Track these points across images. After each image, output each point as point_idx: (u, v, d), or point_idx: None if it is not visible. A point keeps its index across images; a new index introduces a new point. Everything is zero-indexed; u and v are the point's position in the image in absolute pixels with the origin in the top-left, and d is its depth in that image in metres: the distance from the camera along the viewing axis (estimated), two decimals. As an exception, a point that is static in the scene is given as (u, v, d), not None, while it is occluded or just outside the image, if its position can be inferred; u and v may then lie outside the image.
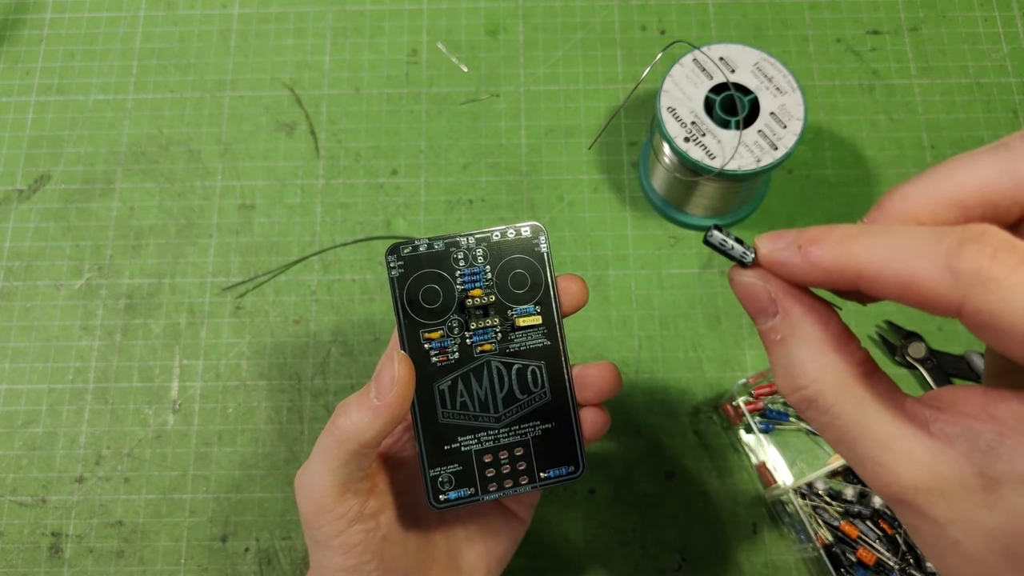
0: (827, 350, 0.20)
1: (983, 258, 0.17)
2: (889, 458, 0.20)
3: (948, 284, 0.17)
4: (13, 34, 0.56)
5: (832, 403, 0.20)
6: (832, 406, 0.20)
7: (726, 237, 0.23)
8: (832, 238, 0.20)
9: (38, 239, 0.51)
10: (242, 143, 0.53)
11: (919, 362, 0.47)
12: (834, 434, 0.21)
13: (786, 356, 0.21)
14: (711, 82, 0.45)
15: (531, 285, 0.32)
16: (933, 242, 0.18)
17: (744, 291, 0.22)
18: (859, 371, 0.20)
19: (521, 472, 0.32)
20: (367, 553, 0.30)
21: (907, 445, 0.20)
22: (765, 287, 0.22)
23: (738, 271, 0.23)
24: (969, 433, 0.19)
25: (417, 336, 0.31)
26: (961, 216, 0.20)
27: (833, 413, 0.20)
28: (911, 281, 0.18)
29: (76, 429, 0.47)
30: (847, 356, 0.21)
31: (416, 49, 0.55)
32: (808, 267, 0.20)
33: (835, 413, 0.20)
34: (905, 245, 0.18)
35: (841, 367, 0.20)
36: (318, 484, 0.30)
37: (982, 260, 0.17)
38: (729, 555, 0.45)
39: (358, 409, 0.29)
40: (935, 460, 0.19)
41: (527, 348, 0.32)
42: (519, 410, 0.32)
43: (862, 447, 0.20)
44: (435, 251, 0.31)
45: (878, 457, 0.20)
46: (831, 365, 0.20)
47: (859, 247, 0.19)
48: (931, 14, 0.55)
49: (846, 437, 0.20)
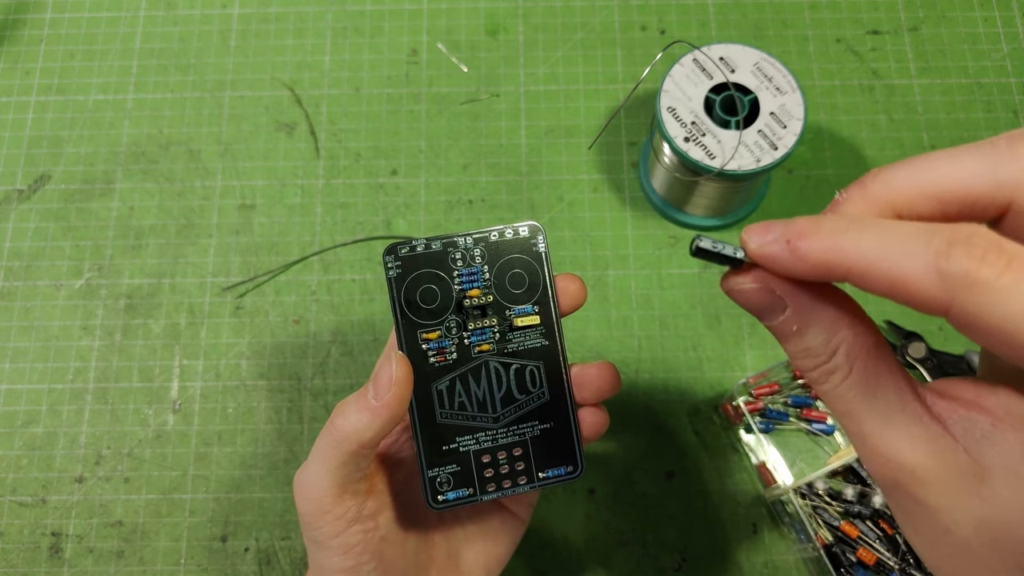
0: (842, 326, 0.20)
1: (971, 260, 0.17)
2: (891, 433, 0.20)
3: (936, 286, 0.17)
4: (13, 34, 0.56)
5: (843, 379, 0.20)
6: (843, 381, 0.20)
7: (715, 242, 0.23)
8: (821, 231, 0.19)
9: (38, 239, 0.51)
10: (242, 143, 0.53)
11: (919, 362, 0.47)
12: (843, 406, 0.21)
13: (803, 340, 0.21)
14: (711, 82, 0.45)
15: (529, 285, 0.32)
16: (922, 242, 0.18)
17: (742, 297, 0.22)
18: (872, 347, 0.20)
19: (520, 472, 0.32)
20: (366, 554, 0.30)
21: (910, 424, 0.20)
22: (767, 288, 0.21)
23: (731, 279, 0.22)
24: (966, 421, 0.19)
25: (415, 336, 0.31)
26: (939, 210, 0.20)
27: (846, 384, 0.20)
28: (900, 280, 0.18)
29: (76, 429, 0.47)
30: (860, 332, 0.21)
31: (416, 49, 0.55)
32: (797, 262, 0.20)
33: (848, 384, 0.20)
34: (894, 243, 0.18)
35: (854, 341, 0.20)
36: (316, 485, 0.30)
37: (970, 263, 0.17)
38: (729, 555, 0.44)
39: (356, 410, 0.29)
40: (935, 442, 0.19)
41: (525, 348, 0.32)
42: (517, 410, 0.32)
43: (867, 420, 0.20)
44: (433, 251, 0.31)
45: (880, 432, 0.20)
46: (846, 340, 0.20)
47: (848, 242, 0.19)
48: (931, 14, 0.55)
49: (854, 409, 0.20)
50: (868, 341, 0.21)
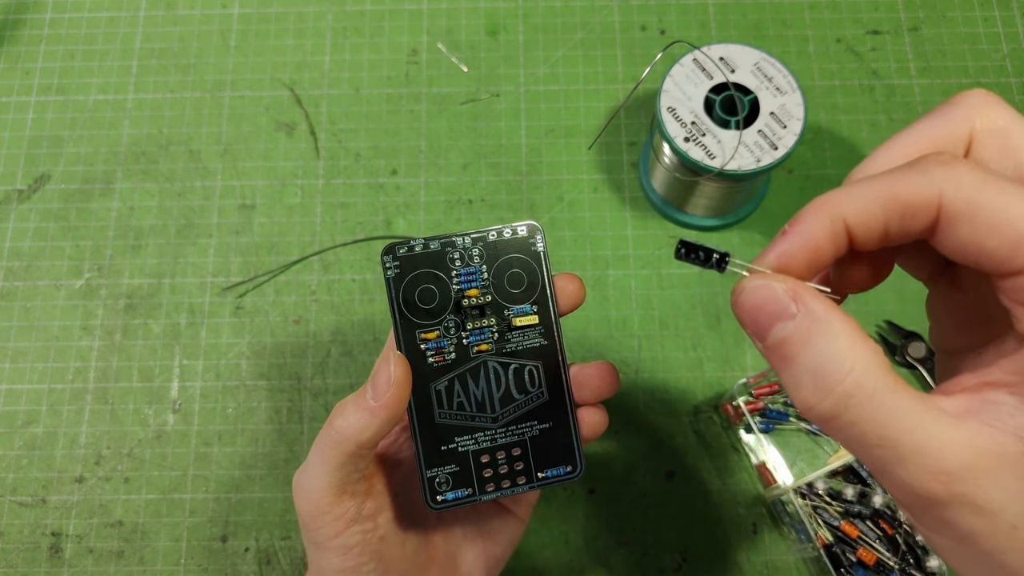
0: (858, 340, 0.19)
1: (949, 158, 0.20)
2: (935, 445, 0.18)
3: (924, 183, 0.19)
4: (13, 34, 0.56)
5: (871, 393, 0.19)
6: (872, 396, 0.19)
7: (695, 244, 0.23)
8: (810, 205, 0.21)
9: (38, 239, 0.51)
10: (242, 143, 0.53)
11: (919, 362, 0.47)
12: (874, 431, 0.19)
13: (815, 356, 0.19)
14: (711, 82, 0.45)
15: (527, 284, 0.32)
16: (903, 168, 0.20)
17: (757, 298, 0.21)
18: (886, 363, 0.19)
19: (519, 472, 0.32)
20: (365, 554, 0.30)
21: (943, 431, 0.18)
22: (781, 287, 0.20)
23: (747, 280, 0.21)
24: (989, 405, 0.19)
25: (413, 336, 0.31)
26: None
27: (874, 405, 0.19)
28: (892, 196, 0.20)
29: (76, 429, 0.47)
30: (873, 347, 0.20)
31: (416, 49, 0.55)
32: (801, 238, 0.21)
33: (876, 404, 0.19)
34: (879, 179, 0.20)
35: (874, 356, 0.19)
36: (315, 486, 0.30)
37: (948, 159, 0.20)
38: (729, 555, 0.44)
39: (355, 410, 0.29)
40: (976, 437, 0.18)
41: (524, 348, 0.32)
42: (516, 410, 0.32)
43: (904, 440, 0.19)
44: (431, 251, 0.31)
45: (925, 447, 0.18)
46: (865, 355, 0.19)
47: (838, 195, 0.21)
48: (931, 14, 0.55)
49: (888, 432, 0.19)
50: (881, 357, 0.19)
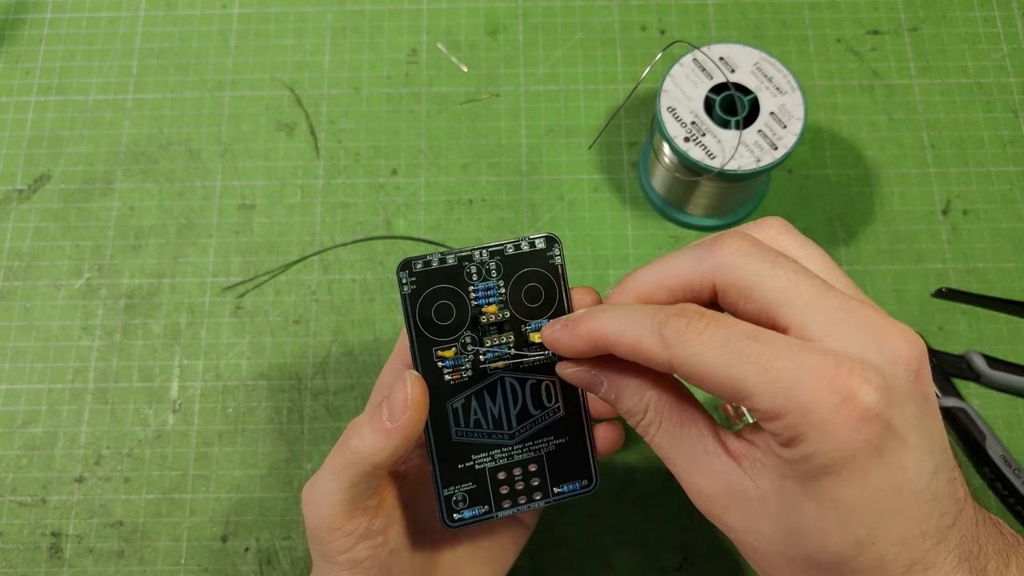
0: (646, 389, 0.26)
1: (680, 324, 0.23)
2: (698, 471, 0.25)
3: (660, 346, 0.23)
4: (13, 34, 0.56)
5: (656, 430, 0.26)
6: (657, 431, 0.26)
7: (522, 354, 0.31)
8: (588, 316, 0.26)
9: (38, 239, 0.51)
10: (242, 143, 0.53)
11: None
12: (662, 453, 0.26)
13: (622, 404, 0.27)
14: (711, 82, 0.45)
15: (545, 299, 0.31)
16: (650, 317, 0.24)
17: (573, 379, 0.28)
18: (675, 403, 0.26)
19: (535, 488, 0.31)
20: (374, 568, 0.30)
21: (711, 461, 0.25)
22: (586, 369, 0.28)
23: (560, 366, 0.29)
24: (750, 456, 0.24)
25: (430, 354, 0.30)
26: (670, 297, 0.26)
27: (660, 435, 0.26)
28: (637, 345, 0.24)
29: (76, 429, 0.47)
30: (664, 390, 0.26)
31: (416, 49, 0.55)
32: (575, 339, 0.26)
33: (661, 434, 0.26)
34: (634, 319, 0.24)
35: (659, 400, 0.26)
36: (328, 502, 0.29)
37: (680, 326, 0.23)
38: (731, 554, 0.45)
39: (371, 431, 0.29)
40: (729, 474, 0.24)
41: (541, 363, 0.31)
42: (533, 426, 0.31)
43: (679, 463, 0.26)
44: (447, 266, 0.31)
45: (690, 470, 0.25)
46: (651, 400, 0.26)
47: (605, 320, 0.25)
48: (931, 14, 0.55)
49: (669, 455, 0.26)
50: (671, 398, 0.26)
